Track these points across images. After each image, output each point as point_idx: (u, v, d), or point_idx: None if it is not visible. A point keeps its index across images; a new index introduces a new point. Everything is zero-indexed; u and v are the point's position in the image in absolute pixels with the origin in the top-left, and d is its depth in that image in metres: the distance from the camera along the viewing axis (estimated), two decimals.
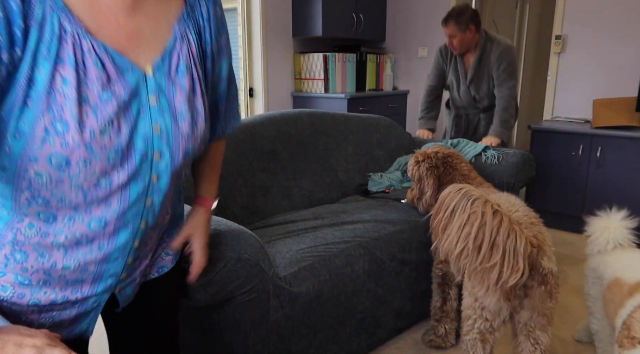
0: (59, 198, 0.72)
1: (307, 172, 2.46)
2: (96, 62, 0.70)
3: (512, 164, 2.60)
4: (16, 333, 0.62)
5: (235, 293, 1.40)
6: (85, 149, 0.69)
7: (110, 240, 0.80)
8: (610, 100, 3.35)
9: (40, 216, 0.74)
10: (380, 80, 4.51)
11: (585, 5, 3.55)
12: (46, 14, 0.65)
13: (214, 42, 0.89)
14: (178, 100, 0.80)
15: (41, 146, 0.67)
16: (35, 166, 0.68)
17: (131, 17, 0.75)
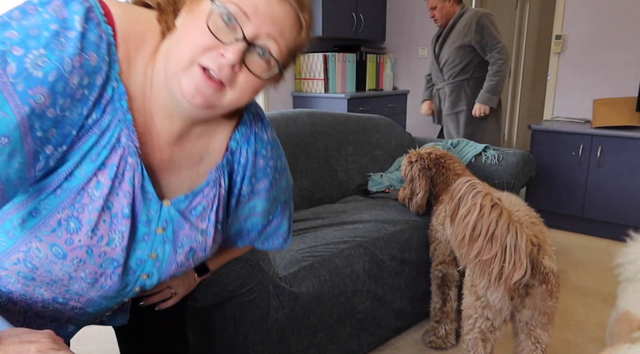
0: (47, 269, 0.73)
1: (307, 172, 2.45)
2: (131, 178, 0.71)
3: (512, 164, 2.60)
4: (17, 340, 0.61)
5: (235, 293, 1.40)
6: (85, 252, 0.71)
7: (82, 308, 0.82)
8: (610, 100, 3.35)
9: (19, 274, 0.74)
10: (380, 80, 4.51)
11: (585, 5, 3.55)
12: (111, 124, 0.68)
13: (245, 185, 0.87)
14: (183, 233, 0.80)
15: (49, 233, 0.69)
16: (38, 243, 0.70)
17: (171, 148, 0.76)
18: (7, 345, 0.61)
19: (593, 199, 3.20)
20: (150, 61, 0.71)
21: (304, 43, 0.75)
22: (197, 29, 0.67)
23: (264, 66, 0.69)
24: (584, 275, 2.68)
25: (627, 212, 3.09)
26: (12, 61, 0.58)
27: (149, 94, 0.71)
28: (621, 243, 2.42)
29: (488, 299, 1.42)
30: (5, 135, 0.58)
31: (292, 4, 0.70)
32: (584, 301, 2.39)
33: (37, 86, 0.59)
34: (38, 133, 0.61)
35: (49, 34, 0.60)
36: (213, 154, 0.82)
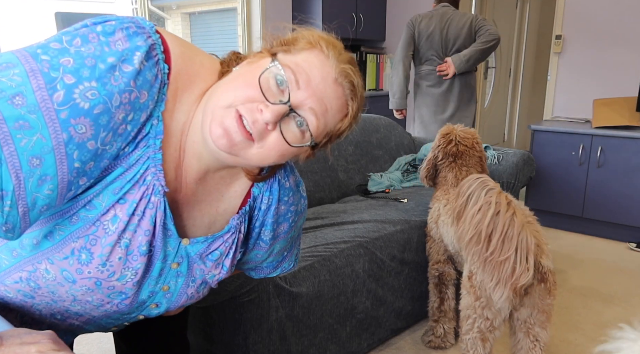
0: (50, 290, 0.72)
1: (307, 172, 2.46)
2: (153, 216, 0.69)
3: (512, 164, 2.60)
4: (17, 341, 0.61)
5: (235, 293, 1.40)
6: (94, 283, 0.70)
7: (80, 326, 0.82)
8: (610, 100, 3.35)
9: (19, 292, 0.74)
10: (380, 80, 4.51)
11: (585, 5, 3.55)
12: (140, 160, 0.67)
13: (267, 231, 0.86)
14: (197, 269, 0.80)
15: (61, 259, 0.68)
16: (49, 266, 0.69)
17: (197, 184, 0.75)
18: (8, 346, 0.60)
19: (593, 199, 3.20)
20: (196, 102, 0.71)
21: (345, 130, 0.77)
22: (248, 79, 0.67)
23: (297, 136, 0.69)
24: (584, 275, 2.68)
25: (627, 212, 3.09)
26: (61, 89, 0.57)
27: (186, 133, 0.71)
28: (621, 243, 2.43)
29: (489, 299, 1.41)
30: (37, 156, 0.57)
31: (345, 90, 0.71)
32: (584, 301, 2.39)
33: (81, 117, 0.58)
34: (76, 164, 0.60)
35: (105, 67, 0.59)
36: (234, 196, 0.81)
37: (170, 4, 5.94)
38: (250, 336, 1.46)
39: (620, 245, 3.08)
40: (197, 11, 5.74)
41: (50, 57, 0.58)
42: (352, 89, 0.71)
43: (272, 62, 0.68)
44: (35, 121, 0.56)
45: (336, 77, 0.70)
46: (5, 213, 0.58)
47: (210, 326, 1.51)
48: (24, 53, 0.59)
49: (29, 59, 0.58)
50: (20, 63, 0.57)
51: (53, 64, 0.58)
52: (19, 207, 0.59)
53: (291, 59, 0.68)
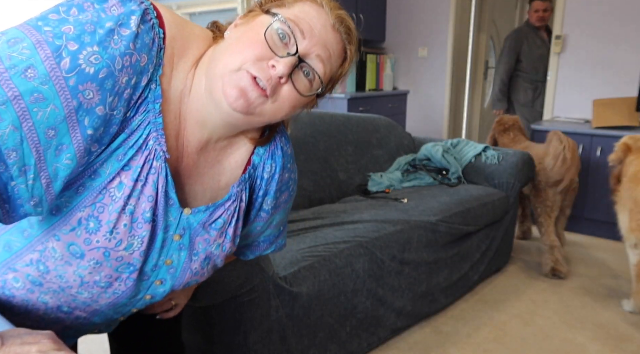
0: (59, 273, 0.72)
1: (307, 172, 2.46)
2: (155, 182, 0.70)
3: (512, 164, 2.60)
4: (18, 341, 0.61)
5: (235, 293, 1.40)
6: (102, 254, 0.70)
7: (87, 318, 0.81)
8: (610, 100, 3.35)
9: (28, 277, 0.74)
10: (380, 80, 4.51)
11: (585, 5, 3.55)
12: (141, 125, 0.67)
13: (270, 200, 0.87)
14: (199, 241, 0.79)
15: (68, 232, 0.68)
16: (55, 243, 0.69)
17: (198, 155, 0.76)
18: (9, 346, 0.60)
19: (593, 199, 3.20)
20: (192, 69, 0.72)
21: (344, 74, 0.79)
22: (252, 38, 0.68)
23: (307, 85, 0.72)
24: (584, 275, 2.68)
25: None
26: (66, 56, 0.59)
27: (185, 100, 0.72)
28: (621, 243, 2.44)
29: None
30: (52, 127, 0.59)
31: (342, 35, 0.74)
32: (584, 301, 2.39)
33: (88, 82, 0.60)
34: (89, 131, 0.62)
35: (104, 32, 0.61)
36: (235, 167, 0.81)
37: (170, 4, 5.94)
38: (250, 336, 1.46)
39: (620, 245, 3.08)
40: (197, 11, 5.74)
41: (52, 27, 0.59)
42: (349, 33, 0.75)
43: (274, 17, 0.69)
44: (47, 91, 0.58)
45: (333, 23, 0.73)
46: (29, 186, 0.60)
47: (210, 326, 1.51)
48: (27, 26, 0.60)
49: (33, 32, 0.59)
50: (26, 37, 0.59)
51: (56, 33, 0.59)
52: (42, 179, 0.60)
53: (288, 12, 0.70)
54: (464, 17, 4.51)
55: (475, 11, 4.71)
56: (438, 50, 4.39)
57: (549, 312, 2.28)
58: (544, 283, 2.58)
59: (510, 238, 2.69)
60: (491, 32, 5.01)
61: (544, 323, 2.19)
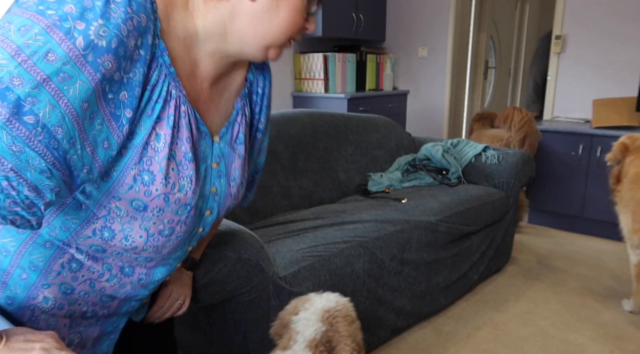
0: (125, 235, 0.78)
1: (307, 172, 2.46)
2: (188, 124, 0.78)
3: (512, 164, 2.60)
4: (22, 338, 0.64)
5: (235, 293, 1.40)
6: (163, 200, 0.76)
7: (148, 273, 0.88)
8: (610, 100, 3.35)
9: (91, 247, 0.80)
10: (380, 80, 4.51)
11: (585, 5, 3.55)
12: (159, 79, 0.73)
13: (263, 117, 0.97)
14: (234, 166, 0.89)
15: (127, 191, 0.74)
16: (118, 203, 0.75)
17: (211, 86, 0.84)
18: (13, 342, 0.63)
19: (593, 199, 3.20)
20: (187, 16, 0.76)
21: None
22: (294, 14, 0.78)
23: None
24: (584, 275, 2.68)
25: None
26: (78, 35, 0.62)
27: (194, 44, 0.78)
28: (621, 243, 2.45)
29: None
30: (85, 100, 0.64)
31: None
32: (584, 301, 2.39)
33: (104, 54, 0.64)
34: (109, 95, 0.67)
35: (101, 4, 0.64)
36: (237, 88, 0.90)
37: None
38: (250, 336, 1.46)
39: (620, 245, 3.08)
40: None
41: (54, 11, 0.62)
42: None
43: None
44: (71, 70, 0.63)
45: None
46: (79, 155, 0.66)
47: (210, 326, 1.51)
48: (30, 12, 0.62)
49: (39, 17, 0.62)
50: (35, 24, 0.61)
51: (61, 15, 0.62)
52: (87, 148, 0.67)
53: None
54: (464, 17, 4.51)
55: (475, 11, 4.70)
56: (438, 50, 4.39)
57: (549, 312, 2.28)
58: (544, 283, 2.58)
59: (510, 238, 2.69)
60: (491, 32, 5.01)
61: (544, 323, 2.19)
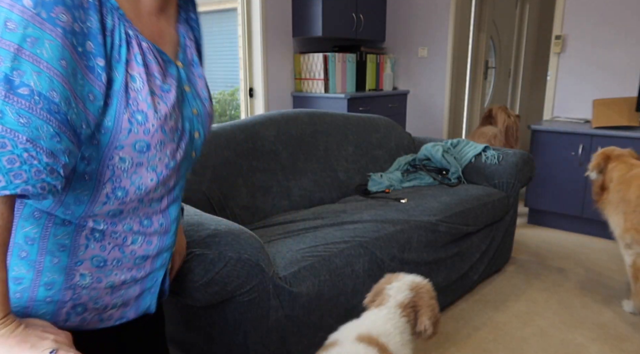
0: (137, 185, 0.82)
1: (307, 172, 2.46)
2: (154, 58, 0.81)
3: (512, 164, 2.60)
4: (40, 329, 0.70)
5: (235, 293, 1.40)
6: (162, 132, 0.81)
7: (165, 216, 0.91)
8: (610, 100, 3.35)
9: (109, 214, 0.83)
10: (380, 80, 4.51)
11: (585, 5, 3.55)
12: (115, 24, 0.75)
13: (201, 41, 1.00)
14: (200, 87, 0.94)
15: (127, 136, 0.77)
16: (121, 152, 0.78)
17: (157, 18, 0.86)
18: (31, 329, 0.69)
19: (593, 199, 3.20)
20: None
21: None
22: None
23: None
24: (584, 275, 2.68)
25: None
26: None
27: None
28: None
29: None
30: (61, 58, 0.67)
31: None
32: (584, 301, 2.39)
33: (54, 7, 0.66)
34: (79, 48, 0.70)
35: None
36: (173, 13, 0.92)
37: None
38: (250, 336, 1.47)
39: None
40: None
41: None
42: None
43: None
44: (34, 32, 0.65)
45: None
46: (76, 113, 0.70)
47: (210, 326, 1.51)
48: None
49: None
50: None
51: None
52: (79, 104, 0.70)
53: None
54: (464, 17, 4.51)
55: (475, 11, 4.71)
56: (438, 50, 4.39)
57: (548, 312, 2.28)
58: (544, 283, 2.58)
59: (510, 238, 2.69)
60: (491, 32, 5.01)
61: (543, 323, 2.19)
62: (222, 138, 2.22)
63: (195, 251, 1.32)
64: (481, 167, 2.68)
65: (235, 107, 4.67)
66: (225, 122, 2.76)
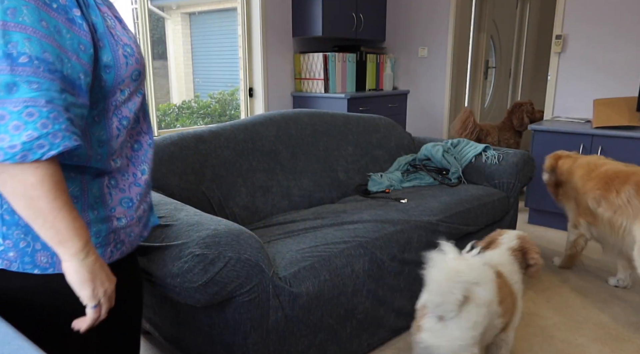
0: (134, 111, 0.95)
1: (307, 172, 2.46)
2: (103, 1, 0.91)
3: (512, 164, 2.60)
4: (105, 265, 0.87)
5: (235, 293, 1.40)
6: (142, 58, 0.94)
7: (148, 132, 1.03)
8: (610, 100, 3.35)
9: (122, 150, 0.96)
10: (380, 80, 4.51)
11: (585, 4, 3.55)
12: None
13: None
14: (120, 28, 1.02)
15: (126, 69, 0.89)
16: (122, 86, 0.90)
17: None
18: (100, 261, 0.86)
19: None
20: None
21: None
22: None
23: None
24: (584, 275, 2.68)
25: None
26: None
27: None
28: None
29: None
30: (40, 19, 0.74)
31: None
32: (584, 301, 2.39)
33: None
34: (53, 5, 0.77)
35: None
36: None
37: (170, 4, 5.93)
38: (250, 337, 1.46)
39: None
40: (197, 11, 5.74)
41: None
42: None
43: None
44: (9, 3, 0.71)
45: None
46: (70, 67, 0.78)
47: (210, 326, 1.51)
48: None
49: None
50: None
51: None
52: (72, 58, 0.78)
53: None
54: (464, 17, 4.51)
55: (475, 11, 4.70)
56: (438, 50, 4.39)
57: (549, 312, 2.28)
58: (544, 283, 2.58)
59: None
60: (491, 32, 5.01)
61: (544, 323, 2.18)
62: (222, 138, 2.22)
63: (195, 251, 1.32)
64: (481, 166, 2.68)
65: (235, 107, 4.66)
66: (225, 122, 2.76)
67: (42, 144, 0.73)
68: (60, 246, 0.80)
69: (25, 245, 0.86)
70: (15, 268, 0.86)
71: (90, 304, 0.85)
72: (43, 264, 0.87)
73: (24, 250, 0.85)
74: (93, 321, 0.86)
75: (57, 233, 0.79)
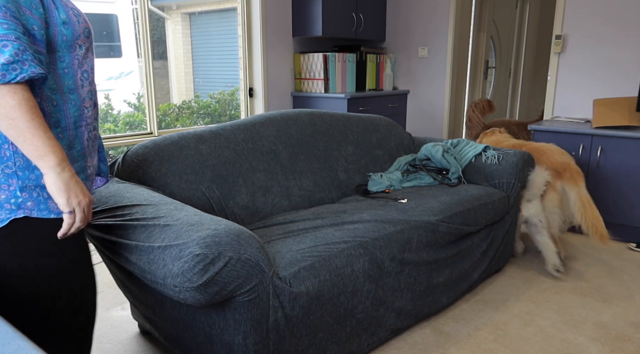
0: (91, 66, 1.18)
1: (307, 172, 2.46)
2: None
3: (512, 164, 2.60)
4: (80, 188, 1.06)
5: (235, 293, 1.40)
6: (87, 20, 1.14)
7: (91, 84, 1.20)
8: (610, 100, 3.35)
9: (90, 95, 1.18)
10: (380, 80, 4.51)
11: (585, 5, 3.55)
12: None
13: None
14: None
15: (79, 26, 1.11)
16: (79, 41, 1.11)
17: None
18: (75, 178, 1.05)
19: (593, 199, 3.20)
20: None
21: None
22: None
23: None
24: (584, 275, 2.68)
25: (627, 212, 3.09)
26: None
27: None
28: (621, 243, 2.47)
29: None
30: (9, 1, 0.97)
31: None
32: (584, 301, 2.39)
33: None
34: None
35: None
36: None
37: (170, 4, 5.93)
38: (250, 336, 1.46)
39: (620, 245, 3.08)
40: (197, 11, 5.74)
41: None
42: None
43: None
44: None
45: None
46: (24, 18, 0.99)
47: (210, 326, 1.51)
48: None
49: None
50: None
51: None
52: (25, 12, 1.00)
53: None
54: (464, 17, 4.51)
55: (475, 11, 4.70)
56: (438, 50, 4.39)
57: (549, 312, 2.28)
58: (544, 283, 2.58)
59: (510, 238, 2.69)
60: (491, 32, 5.01)
61: (544, 323, 2.18)
62: (222, 138, 2.22)
63: (195, 251, 1.32)
64: (481, 166, 2.68)
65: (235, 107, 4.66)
66: (225, 121, 2.76)
67: (15, 68, 0.94)
68: (39, 160, 0.99)
69: (37, 194, 1.06)
70: (35, 215, 1.05)
71: (65, 210, 1.03)
72: (56, 209, 1.08)
73: (37, 199, 1.06)
74: (68, 225, 1.05)
75: (35, 149, 0.98)
